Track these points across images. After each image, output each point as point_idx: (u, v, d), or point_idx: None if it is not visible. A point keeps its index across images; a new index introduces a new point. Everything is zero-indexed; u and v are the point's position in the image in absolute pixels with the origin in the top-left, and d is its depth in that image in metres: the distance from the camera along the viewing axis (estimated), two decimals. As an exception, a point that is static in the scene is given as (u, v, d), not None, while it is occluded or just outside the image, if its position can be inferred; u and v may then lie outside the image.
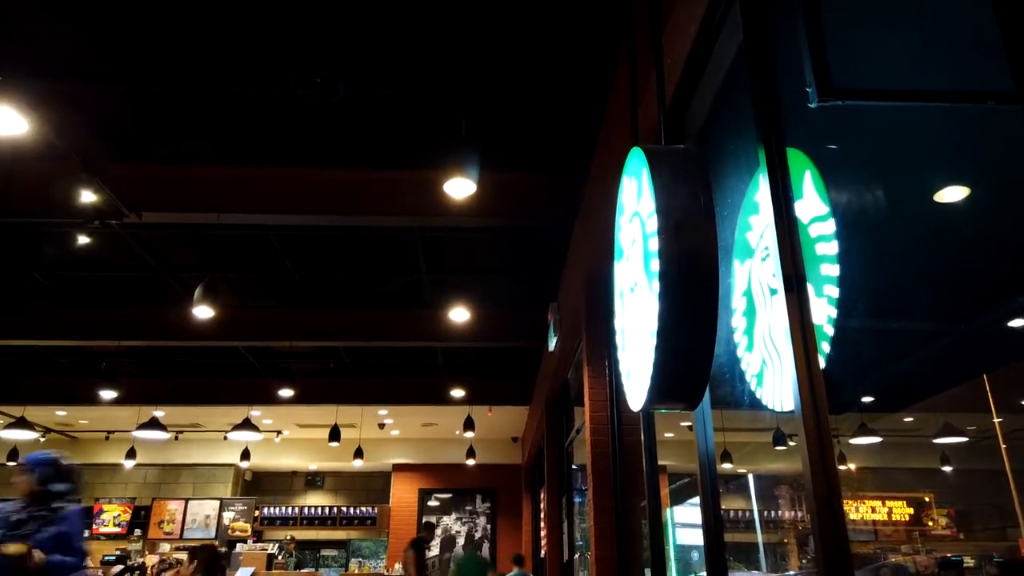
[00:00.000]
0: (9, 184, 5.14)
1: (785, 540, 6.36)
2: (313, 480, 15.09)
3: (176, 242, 6.44)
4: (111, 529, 12.84)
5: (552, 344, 6.47)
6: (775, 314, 2.10)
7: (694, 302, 1.91)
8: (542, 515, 10.26)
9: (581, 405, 5.31)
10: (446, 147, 4.35)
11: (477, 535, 13.51)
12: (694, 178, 2.05)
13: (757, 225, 2.32)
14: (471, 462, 12.11)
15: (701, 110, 3.04)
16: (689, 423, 2.83)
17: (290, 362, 9.84)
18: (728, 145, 2.90)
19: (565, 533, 7.61)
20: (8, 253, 6.61)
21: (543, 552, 9.56)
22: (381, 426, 12.38)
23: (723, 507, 2.74)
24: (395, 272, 7.22)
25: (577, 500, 7.30)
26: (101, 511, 12.93)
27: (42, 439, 12.28)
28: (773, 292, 2.12)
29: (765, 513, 6.50)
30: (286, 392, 9.90)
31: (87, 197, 4.96)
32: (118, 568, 9.63)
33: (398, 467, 13.87)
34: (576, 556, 7.01)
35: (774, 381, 2.12)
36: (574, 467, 7.52)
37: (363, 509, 14.12)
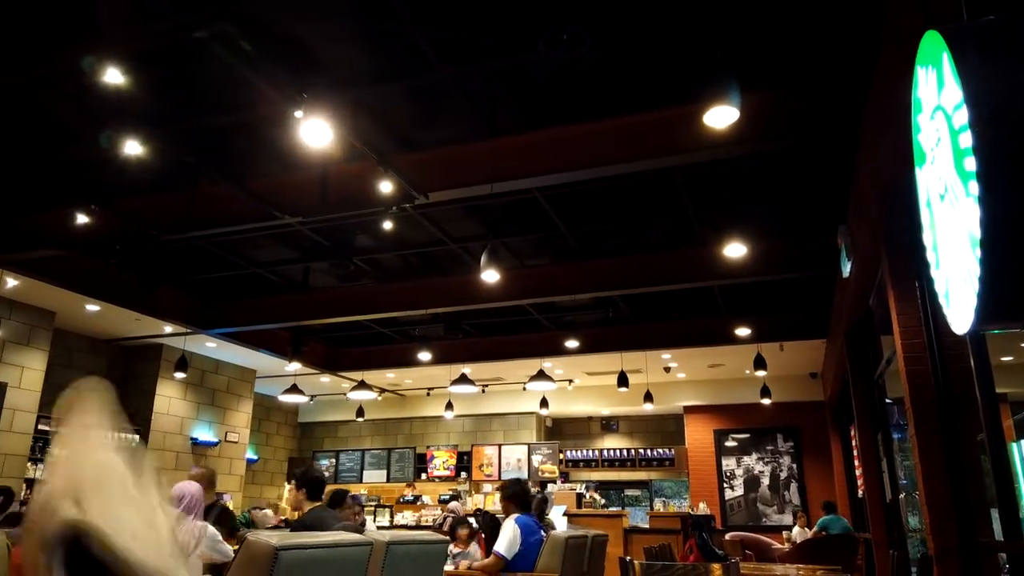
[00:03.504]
0: (324, 187, 6.05)
1: None
2: (608, 424, 15.73)
3: (459, 215, 7.05)
4: (442, 472, 14.75)
5: (846, 270, 5.89)
6: None
7: (1027, 201, 1.59)
8: (855, 453, 9.53)
9: (889, 333, 4.78)
10: (702, 77, 4.13)
11: (783, 475, 13.00)
12: (1010, 54, 1.69)
13: (1113, 93, 1.84)
14: (767, 401, 11.62)
15: (1015, -35, 2.48)
16: (1034, 344, 2.39)
17: (571, 315, 10.29)
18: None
19: (885, 472, 6.98)
20: (333, 245, 7.81)
21: (860, 492, 8.90)
22: (667, 370, 12.43)
23: (1093, 440, 2.28)
24: (661, 215, 7.11)
25: (896, 436, 6.64)
26: (432, 457, 14.91)
27: (379, 398, 14.47)
28: None
29: None
30: (572, 343, 10.39)
31: (384, 187, 5.64)
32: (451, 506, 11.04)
33: (689, 409, 13.84)
34: (901, 496, 6.40)
35: None
36: (888, 401, 6.82)
37: (660, 451, 14.39)
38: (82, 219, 6.25)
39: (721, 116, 4.12)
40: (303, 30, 4.45)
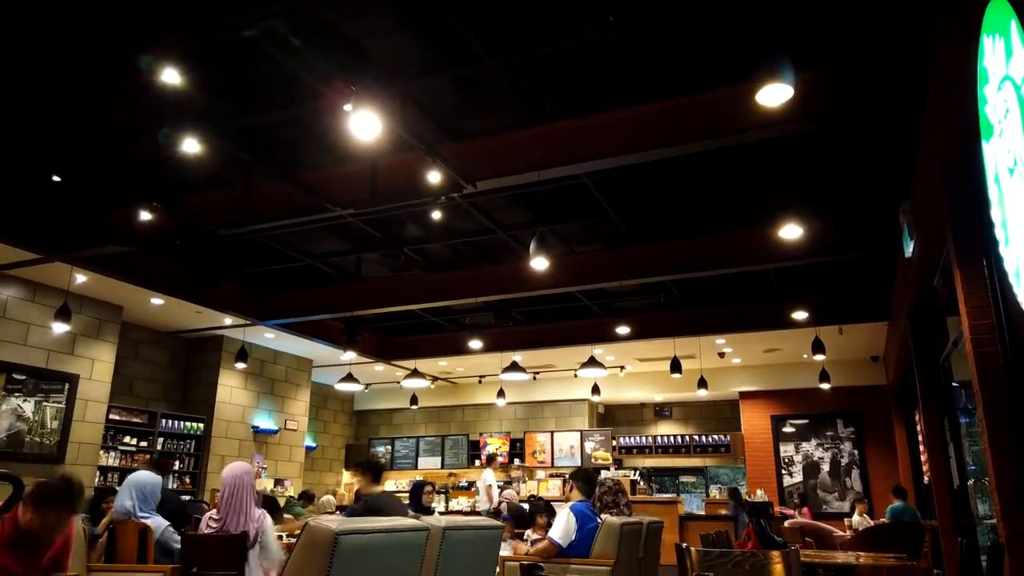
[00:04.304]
0: (374, 179, 6.13)
1: None
2: (661, 410, 15.60)
3: (507, 203, 7.05)
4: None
5: (908, 249, 5.69)
6: None
7: (1108, 172, 1.50)
8: (920, 439, 9.24)
9: (955, 314, 4.60)
10: (754, 55, 4.03)
11: (843, 461, 12.69)
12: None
13: None
14: (826, 386, 11.34)
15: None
16: (1115, 323, 2.27)
17: (622, 300, 10.21)
18: None
19: (952, 457, 6.75)
20: (383, 235, 7.91)
21: (926, 478, 8.63)
22: (721, 355, 12.24)
23: None
24: (713, 197, 6.98)
25: (963, 420, 6.41)
26: (486, 444, 15.04)
27: (431, 386, 14.65)
28: None
29: None
30: (623, 329, 10.31)
31: (433, 177, 5.68)
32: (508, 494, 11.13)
33: (745, 395, 13.61)
34: (969, 482, 6.18)
35: None
36: (955, 384, 6.58)
37: (715, 437, 14.21)
38: (145, 216, 6.48)
39: (774, 94, 4.02)
40: (350, 25, 4.50)
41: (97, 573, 4.09)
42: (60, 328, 8.32)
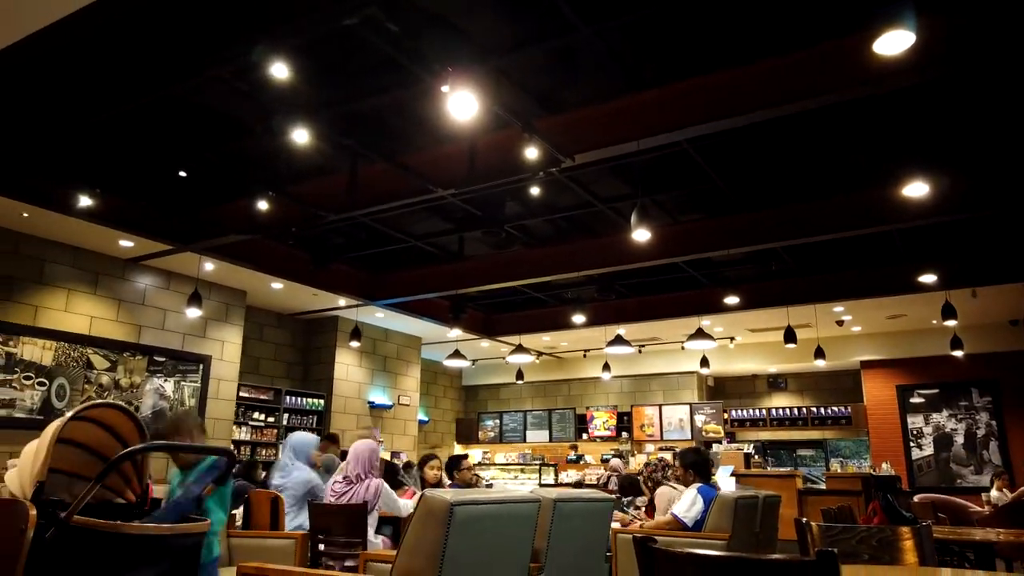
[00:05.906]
0: (473, 158, 6.19)
1: None
2: (775, 382, 15.06)
3: (606, 175, 6.94)
4: (602, 432, 14.87)
5: (1052, 201, 5.17)
6: None
7: None
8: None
9: (1111, 271, 4.15)
10: (869, 1, 3.75)
11: (979, 433, 11.82)
12: None
13: None
14: (958, 353, 10.55)
15: None
16: None
17: (729, 270, 9.87)
18: None
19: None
20: (484, 214, 8.00)
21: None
22: (839, 323, 11.63)
23: None
24: (824, 158, 6.59)
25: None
26: (592, 417, 15.06)
27: (536, 361, 14.78)
28: None
29: None
30: (731, 299, 9.98)
31: (530, 153, 5.67)
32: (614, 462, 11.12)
33: (867, 364, 12.90)
34: None
35: None
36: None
37: (834, 409, 13.59)
38: (262, 205, 6.84)
39: (894, 42, 3.73)
40: (444, 6, 4.53)
41: (235, 539, 4.42)
42: (193, 313, 8.97)
